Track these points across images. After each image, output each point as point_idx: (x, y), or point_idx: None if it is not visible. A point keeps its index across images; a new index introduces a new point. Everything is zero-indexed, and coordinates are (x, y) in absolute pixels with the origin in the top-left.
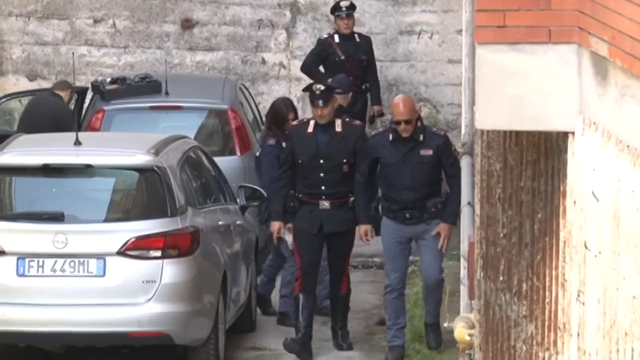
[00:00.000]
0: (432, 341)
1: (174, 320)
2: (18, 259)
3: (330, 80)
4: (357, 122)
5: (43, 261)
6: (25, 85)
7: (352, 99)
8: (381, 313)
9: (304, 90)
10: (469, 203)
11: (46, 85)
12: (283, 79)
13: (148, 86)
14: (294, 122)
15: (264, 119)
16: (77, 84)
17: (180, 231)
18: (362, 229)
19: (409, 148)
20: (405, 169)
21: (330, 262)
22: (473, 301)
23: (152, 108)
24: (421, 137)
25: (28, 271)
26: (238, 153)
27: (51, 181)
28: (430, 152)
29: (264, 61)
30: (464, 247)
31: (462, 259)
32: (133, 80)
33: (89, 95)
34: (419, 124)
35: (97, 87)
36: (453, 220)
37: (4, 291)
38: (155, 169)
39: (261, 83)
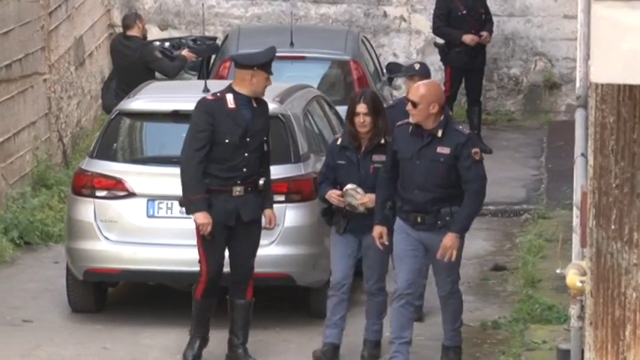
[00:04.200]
0: None
1: (297, 262)
2: (148, 200)
3: (417, 67)
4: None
5: (172, 203)
6: (157, 34)
7: (474, 52)
8: (495, 259)
9: (254, 64)
10: (582, 154)
11: (176, 34)
12: (404, 32)
13: (208, 48)
14: (209, 97)
15: (384, 70)
16: (206, 34)
17: (303, 177)
18: (376, 230)
19: (425, 142)
20: (418, 165)
21: (239, 262)
22: (585, 249)
23: (277, 58)
24: (440, 133)
25: (158, 213)
26: None
27: (180, 127)
28: (447, 151)
29: (385, 15)
30: (577, 196)
31: (574, 208)
32: (187, 42)
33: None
34: (441, 118)
35: (165, 54)
36: (460, 230)
37: (135, 231)
38: (280, 116)
39: (382, 36)
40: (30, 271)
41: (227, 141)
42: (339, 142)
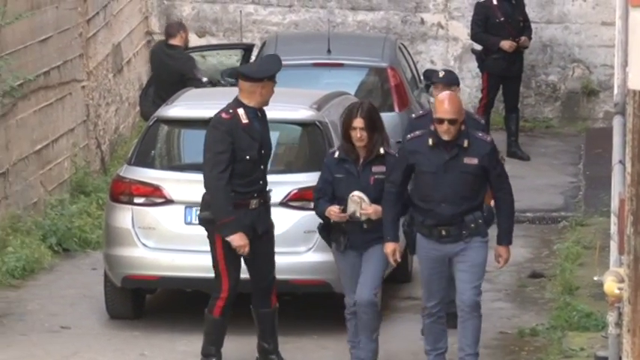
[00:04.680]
0: None
1: (333, 269)
2: (185, 207)
3: (441, 74)
4: None
5: None
6: (194, 41)
7: (512, 59)
8: (533, 266)
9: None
10: (620, 161)
11: (214, 41)
12: (441, 39)
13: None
14: (225, 115)
15: (422, 77)
16: (244, 41)
17: None
18: (388, 247)
19: (452, 155)
20: (445, 178)
21: (261, 276)
22: (622, 256)
23: (315, 65)
24: (465, 143)
25: (195, 219)
26: (397, 110)
27: None
28: (475, 161)
29: (422, 22)
30: (614, 203)
31: (612, 215)
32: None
33: (255, 52)
34: (462, 127)
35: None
36: (511, 241)
37: (173, 238)
38: (317, 123)
39: (419, 43)
40: (68, 277)
41: (248, 157)
42: (336, 155)
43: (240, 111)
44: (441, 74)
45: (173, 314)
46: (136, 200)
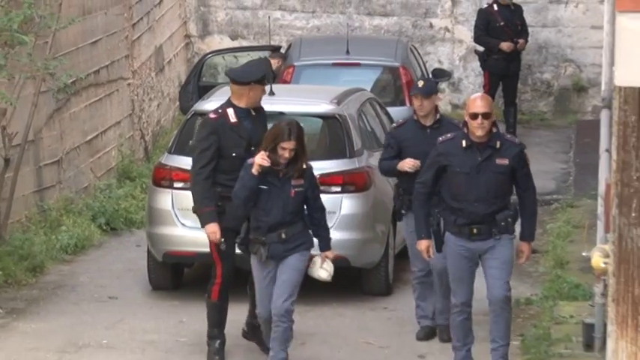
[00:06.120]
0: None
1: (352, 246)
2: None
3: (420, 84)
4: None
5: None
6: (228, 43)
7: (510, 59)
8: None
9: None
10: (607, 150)
11: (245, 43)
12: (447, 42)
13: None
14: (212, 115)
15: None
16: (272, 43)
17: (357, 170)
18: (423, 244)
19: (485, 155)
20: (478, 179)
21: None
22: (608, 234)
23: (335, 64)
24: (498, 144)
25: None
26: (408, 104)
27: None
28: (506, 162)
29: (431, 26)
30: (601, 187)
31: (599, 198)
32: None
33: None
34: (494, 129)
35: None
36: (532, 237)
37: None
38: (337, 116)
39: (428, 45)
40: (115, 253)
41: (234, 154)
42: None
43: (230, 111)
44: (420, 84)
45: None
46: (176, 185)
